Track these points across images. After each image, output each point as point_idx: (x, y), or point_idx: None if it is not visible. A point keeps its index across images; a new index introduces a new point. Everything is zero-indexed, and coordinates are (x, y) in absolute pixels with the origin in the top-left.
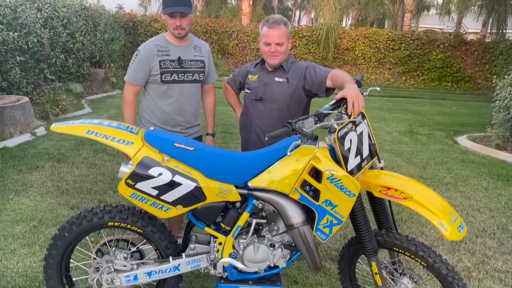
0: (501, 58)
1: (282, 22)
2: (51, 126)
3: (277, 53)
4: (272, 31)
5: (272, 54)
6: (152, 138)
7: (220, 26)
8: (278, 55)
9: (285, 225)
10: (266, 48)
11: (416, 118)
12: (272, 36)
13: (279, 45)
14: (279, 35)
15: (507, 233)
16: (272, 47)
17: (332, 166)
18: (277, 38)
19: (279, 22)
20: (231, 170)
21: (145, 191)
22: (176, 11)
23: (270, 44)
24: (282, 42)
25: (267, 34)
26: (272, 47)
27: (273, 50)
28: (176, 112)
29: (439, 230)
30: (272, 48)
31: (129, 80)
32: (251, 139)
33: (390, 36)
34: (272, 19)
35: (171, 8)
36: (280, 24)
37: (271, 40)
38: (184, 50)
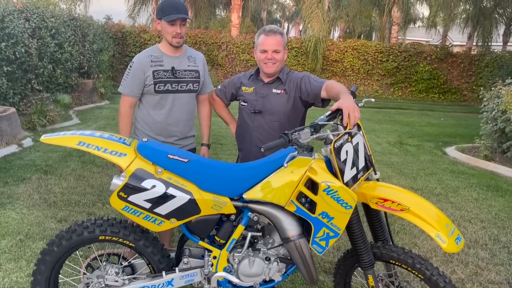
0: (487, 70)
1: (279, 32)
2: (41, 138)
3: (274, 60)
4: (269, 39)
5: (268, 61)
6: (145, 150)
7: (210, 37)
8: (275, 62)
9: (281, 238)
10: (262, 56)
11: (405, 129)
12: (269, 44)
13: (276, 52)
14: (276, 43)
15: (499, 244)
16: (268, 54)
17: (329, 177)
18: (274, 46)
19: (276, 31)
20: (226, 182)
21: (138, 204)
22: (178, 17)
23: (266, 51)
24: (279, 50)
25: (264, 41)
26: (269, 54)
27: (270, 57)
28: (169, 122)
29: (437, 242)
30: (269, 55)
31: (125, 91)
32: (252, 153)
33: (378, 48)
34: (268, 28)
35: (172, 16)
36: (277, 33)
37: (268, 47)
38: (178, 60)
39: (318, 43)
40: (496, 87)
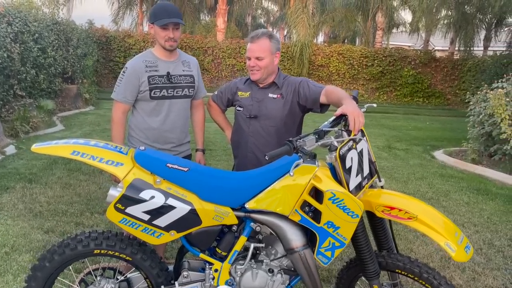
0: (469, 74)
1: (265, 35)
2: (32, 147)
3: (257, 67)
4: (253, 45)
5: (252, 69)
6: (143, 159)
7: (195, 42)
8: (258, 69)
9: (285, 248)
10: (248, 63)
11: (392, 133)
12: (252, 50)
13: (259, 59)
14: (258, 49)
15: (493, 248)
16: (251, 61)
17: (334, 185)
18: (257, 52)
19: (260, 36)
20: (227, 192)
21: (136, 216)
22: (170, 22)
23: (250, 59)
24: (261, 57)
25: (248, 48)
26: (252, 61)
27: (253, 65)
28: (166, 129)
29: (446, 251)
30: (252, 62)
31: (119, 98)
32: (248, 159)
33: (363, 53)
34: (254, 33)
35: (165, 20)
36: (261, 37)
37: (251, 54)
38: (172, 65)
39: (304, 48)
40: (482, 91)
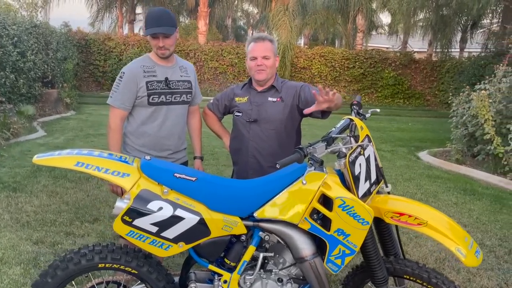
0: (448, 75)
1: (267, 39)
2: (33, 158)
3: (264, 66)
4: (258, 45)
5: (258, 68)
6: (150, 169)
7: (177, 45)
8: (265, 69)
9: (294, 257)
10: (252, 63)
11: (377, 135)
12: (258, 50)
13: (265, 58)
14: (265, 49)
15: (485, 248)
16: (258, 60)
17: (344, 192)
18: (263, 52)
19: (264, 38)
20: (236, 201)
21: (143, 228)
22: (158, 32)
23: (256, 58)
24: (268, 56)
25: (253, 48)
26: (259, 60)
27: (259, 63)
28: (162, 136)
29: (457, 256)
30: (259, 61)
31: (117, 104)
32: (249, 164)
33: (345, 55)
34: (257, 35)
35: (153, 29)
36: (265, 39)
37: (257, 53)
38: (170, 70)
39: (287, 50)
40: (464, 92)
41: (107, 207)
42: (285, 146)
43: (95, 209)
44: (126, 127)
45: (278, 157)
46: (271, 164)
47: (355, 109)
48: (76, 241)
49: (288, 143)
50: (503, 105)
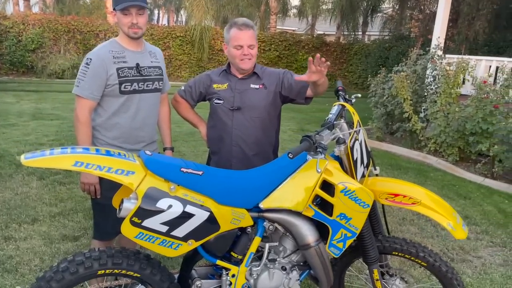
0: (356, 58)
1: (250, 26)
2: (22, 159)
3: (250, 55)
4: (243, 33)
5: (245, 57)
6: (155, 165)
7: (85, 25)
8: (251, 58)
9: (299, 245)
10: (238, 52)
11: (300, 116)
12: (244, 39)
13: (251, 47)
14: (250, 37)
15: (423, 218)
16: (244, 49)
17: (345, 178)
18: (249, 40)
19: (248, 25)
20: (243, 193)
21: (153, 229)
22: (132, 5)
23: (242, 47)
24: (253, 45)
25: (238, 36)
26: (245, 50)
27: (246, 53)
28: (136, 127)
29: (449, 230)
30: (245, 51)
31: (85, 94)
32: (233, 153)
33: (261, 38)
34: (240, 21)
35: (125, 3)
36: (249, 27)
37: (243, 42)
38: (141, 55)
39: (204, 32)
40: (381, 74)
41: (43, 204)
42: (268, 133)
43: (30, 208)
44: (95, 119)
45: (262, 144)
46: (255, 152)
47: (342, 95)
48: (19, 245)
49: (271, 130)
50: (418, 85)
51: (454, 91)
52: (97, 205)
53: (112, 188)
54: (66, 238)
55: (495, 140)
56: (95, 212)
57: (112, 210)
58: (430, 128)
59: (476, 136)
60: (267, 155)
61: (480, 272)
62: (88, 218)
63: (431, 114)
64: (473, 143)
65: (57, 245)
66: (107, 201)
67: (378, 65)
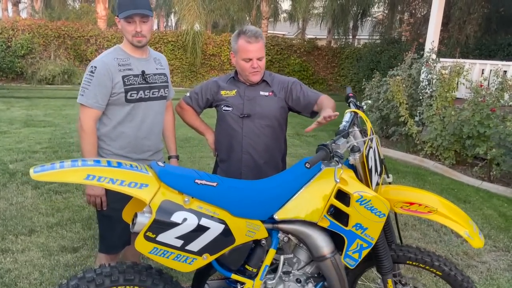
0: (347, 62)
1: (260, 37)
2: (31, 173)
3: (259, 68)
4: (252, 46)
5: (254, 70)
6: (169, 176)
7: (75, 30)
8: (259, 70)
9: (314, 256)
10: (247, 65)
11: (296, 121)
12: (253, 51)
13: (260, 60)
14: (259, 49)
15: (424, 223)
16: (254, 62)
17: (360, 187)
18: (258, 53)
19: (258, 36)
20: (258, 204)
21: (168, 243)
22: (135, 13)
23: (251, 60)
24: (262, 57)
25: (246, 49)
26: (254, 63)
27: (255, 66)
28: (142, 136)
29: (466, 239)
30: (254, 64)
31: (90, 103)
32: (243, 161)
33: None
34: (249, 32)
35: (129, 11)
36: (259, 38)
37: (253, 55)
38: (146, 63)
39: (197, 36)
40: (375, 78)
41: (40, 214)
42: (278, 140)
43: (26, 219)
44: (100, 129)
45: (272, 152)
46: (265, 160)
47: (353, 101)
48: (17, 258)
49: (280, 137)
50: (413, 89)
51: (449, 95)
52: (103, 217)
53: (118, 199)
54: (65, 249)
55: (492, 144)
56: (101, 224)
57: (119, 222)
58: (426, 132)
59: (473, 140)
60: (276, 163)
61: (486, 278)
62: (87, 229)
63: (427, 117)
64: (470, 147)
65: (56, 257)
66: (114, 213)
67: (370, 69)
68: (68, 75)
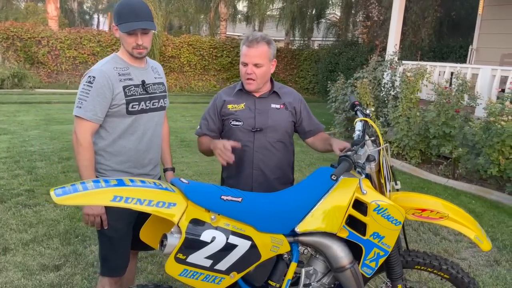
0: (306, 63)
1: (264, 41)
2: (53, 197)
3: (254, 75)
4: (251, 50)
5: (248, 76)
6: (196, 194)
7: (25, 31)
8: (255, 78)
9: (334, 267)
10: (243, 70)
11: None
12: (250, 56)
13: (257, 66)
14: (258, 54)
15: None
16: (248, 68)
17: (377, 195)
18: (256, 58)
19: (259, 40)
20: (281, 218)
21: (198, 264)
22: (138, 27)
23: (247, 65)
24: (261, 64)
25: (244, 53)
26: (249, 68)
27: (249, 72)
28: (143, 149)
29: (477, 243)
30: (249, 70)
31: (88, 116)
32: (254, 177)
33: (212, 44)
34: (252, 36)
35: (130, 24)
36: (260, 42)
37: (249, 59)
38: (145, 72)
39: (155, 38)
40: (340, 80)
41: (11, 231)
42: (288, 154)
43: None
44: (97, 143)
45: (283, 166)
46: (277, 175)
47: (360, 109)
48: None
49: (290, 150)
50: (378, 91)
51: (414, 96)
52: (105, 237)
53: (120, 217)
54: (47, 268)
55: (456, 143)
56: (103, 245)
57: (120, 241)
58: (392, 132)
59: (439, 139)
60: (288, 178)
61: None
62: (66, 244)
63: (393, 118)
64: (434, 146)
65: (38, 276)
66: (115, 233)
67: (329, 71)
68: (18, 78)
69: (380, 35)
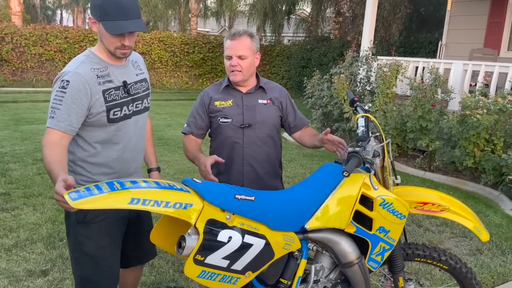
0: (278, 59)
1: (246, 34)
2: (71, 202)
3: (239, 67)
4: (233, 43)
5: (233, 68)
6: (212, 194)
7: None
8: (240, 70)
9: (342, 263)
10: (227, 63)
11: None
12: (233, 48)
13: (241, 58)
14: (240, 47)
15: None
16: (233, 60)
17: (382, 191)
18: (239, 50)
19: (242, 33)
20: (293, 215)
21: (215, 265)
22: (129, 30)
23: (231, 58)
24: (245, 55)
25: (228, 46)
26: (233, 60)
27: (234, 64)
28: (128, 158)
29: (477, 234)
30: (233, 61)
31: (62, 127)
32: (245, 173)
33: (184, 40)
34: (234, 30)
35: (118, 24)
36: (243, 35)
37: (232, 52)
38: (126, 70)
39: None
40: (315, 76)
41: None
42: (277, 148)
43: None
44: (75, 153)
45: (272, 161)
46: (266, 170)
47: (360, 105)
48: None
49: (278, 144)
50: (354, 86)
51: (390, 91)
52: (85, 257)
53: (104, 233)
54: (33, 273)
55: (433, 136)
56: (83, 267)
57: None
58: None
59: (416, 133)
60: (276, 171)
61: None
62: (51, 248)
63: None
64: (411, 140)
65: (26, 283)
66: (99, 251)
67: (301, 66)
68: None
69: (352, 31)
